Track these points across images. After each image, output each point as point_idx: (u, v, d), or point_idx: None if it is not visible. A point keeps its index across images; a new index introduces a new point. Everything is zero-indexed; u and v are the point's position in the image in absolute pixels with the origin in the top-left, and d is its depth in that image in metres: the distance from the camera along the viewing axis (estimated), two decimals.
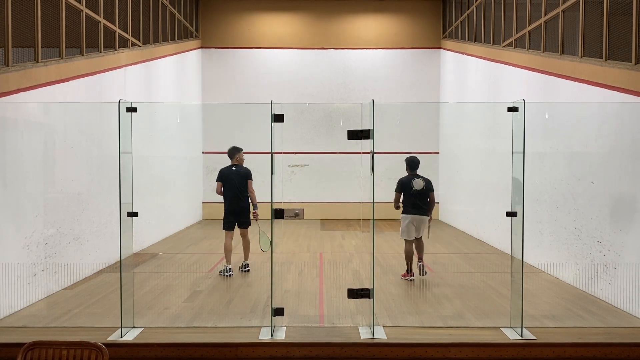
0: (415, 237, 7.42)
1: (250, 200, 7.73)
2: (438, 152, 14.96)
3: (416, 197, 7.35)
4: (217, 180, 7.71)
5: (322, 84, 15.41)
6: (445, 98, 14.91)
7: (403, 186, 7.42)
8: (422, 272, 7.23)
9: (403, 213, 7.42)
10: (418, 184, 7.36)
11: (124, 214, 5.10)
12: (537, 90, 8.56)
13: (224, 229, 7.72)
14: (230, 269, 7.54)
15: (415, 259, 7.43)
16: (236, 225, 7.72)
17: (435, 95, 15.33)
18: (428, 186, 7.41)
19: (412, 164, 7.51)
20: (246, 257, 7.80)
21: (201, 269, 8.32)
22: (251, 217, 7.71)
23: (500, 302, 6.20)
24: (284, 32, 15.41)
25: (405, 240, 7.43)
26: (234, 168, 7.69)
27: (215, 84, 15.36)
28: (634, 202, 5.72)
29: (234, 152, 7.79)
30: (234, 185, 7.59)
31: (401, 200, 7.41)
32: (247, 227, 7.78)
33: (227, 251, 7.62)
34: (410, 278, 7.32)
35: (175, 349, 4.73)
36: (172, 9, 12.43)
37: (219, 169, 7.80)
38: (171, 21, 12.37)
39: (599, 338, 4.90)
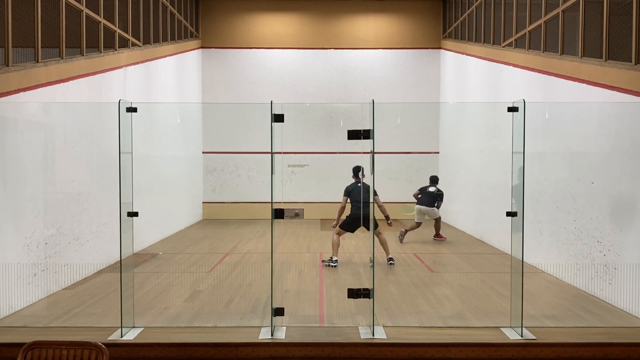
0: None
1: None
2: (438, 152, 14.97)
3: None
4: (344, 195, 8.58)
5: (322, 84, 15.41)
6: (445, 98, 14.91)
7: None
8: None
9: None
10: (432, 188, 10.96)
11: (124, 214, 5.10)
12: (537, 90, 8.56)
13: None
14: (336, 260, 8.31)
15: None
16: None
17: (435, 95, 15.33)
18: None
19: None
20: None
21: (201, 269, 8.32)
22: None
23: (500, 302, 6.20)
24: (284, 32, 15.41)
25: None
26: (359, 184, 8.49)
27: (215, 84, 15.36)
28: (634, 202, 5.72)
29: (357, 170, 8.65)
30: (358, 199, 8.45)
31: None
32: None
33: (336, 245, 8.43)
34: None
35: (175, 349, 4.73)
36: (172, 9, 12.43)
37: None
38: (171, 21, 12.37)
39: (599, 338, 4.89)
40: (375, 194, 8.30)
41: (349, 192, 8.56)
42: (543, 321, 5.40)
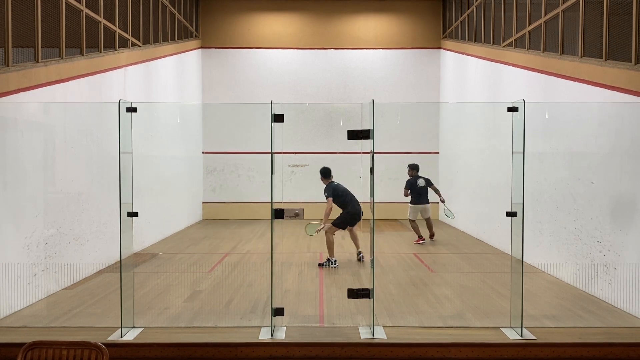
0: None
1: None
2: (438, 152, 14.97)
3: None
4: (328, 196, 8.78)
5: (322, 84, 15.40)
6: (445, 98, 14.91)
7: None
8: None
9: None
10: (421, 182, 10.51)
11: (124, 214, 5.10)
12: (537, 90, 8.56)
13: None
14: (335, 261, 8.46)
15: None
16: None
17: (435, 95, 15.33)
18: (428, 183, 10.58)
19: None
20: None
21: (201, 269, 8.32)
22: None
23: (500, 302, 6.20)
24: (284, 32, 15.41)
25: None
26: (334, 182, 8.93)
27: (215, 84, 15.36)
28: (634, 202, 5.72)
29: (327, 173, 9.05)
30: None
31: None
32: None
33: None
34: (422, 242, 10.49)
35: (175, 349, 4.73)
36: (172, 9, 12.43)
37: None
38: (171, 21, 12.37)
39: (599, 338, 4.90)
40: None
41: (335, 191, 8.69)
42: (543, 321, 5.40)
